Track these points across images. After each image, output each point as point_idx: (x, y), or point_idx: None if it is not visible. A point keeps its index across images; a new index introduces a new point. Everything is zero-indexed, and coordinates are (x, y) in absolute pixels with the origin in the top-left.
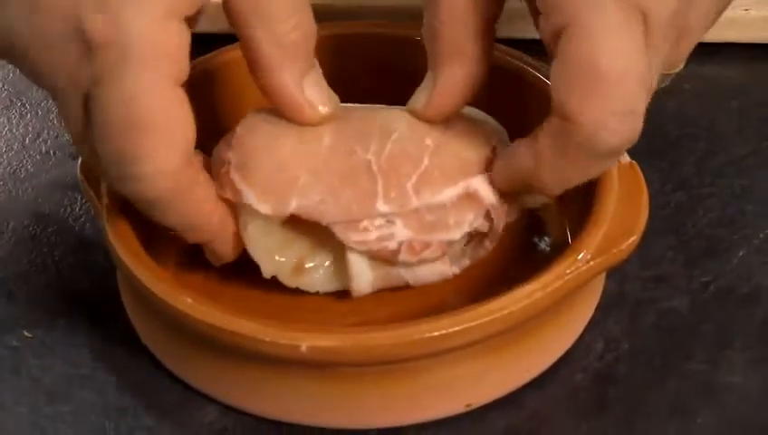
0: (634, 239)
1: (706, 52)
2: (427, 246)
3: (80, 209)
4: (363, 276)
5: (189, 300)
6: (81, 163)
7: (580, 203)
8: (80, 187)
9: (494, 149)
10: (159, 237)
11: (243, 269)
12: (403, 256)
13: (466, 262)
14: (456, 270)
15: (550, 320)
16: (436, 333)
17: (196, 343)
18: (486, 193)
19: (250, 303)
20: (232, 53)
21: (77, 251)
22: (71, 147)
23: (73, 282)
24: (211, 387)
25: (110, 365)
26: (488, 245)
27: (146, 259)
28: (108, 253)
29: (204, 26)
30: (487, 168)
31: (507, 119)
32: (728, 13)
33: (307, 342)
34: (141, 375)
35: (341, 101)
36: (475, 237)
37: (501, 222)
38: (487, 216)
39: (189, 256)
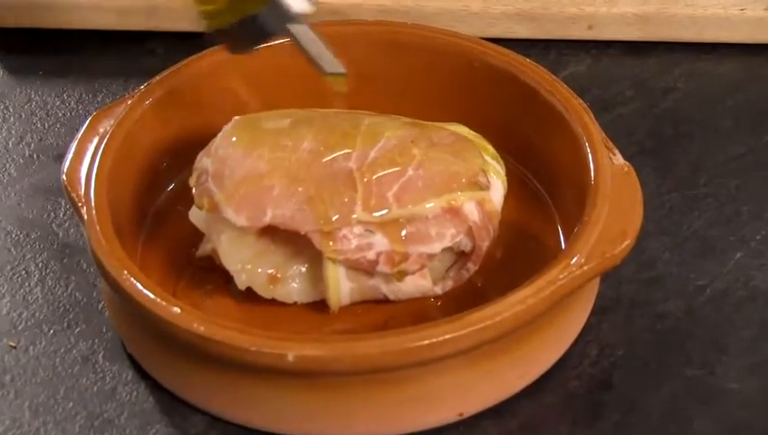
0: (629, 243)
1: (702, 50)
2: (405, 257)
3: (64, 215)
4: (341, 287)
5: (176, 309)
6: (66, 166)
7: (574, 205)
8: (64, 191)
9: (483, 173)
10: (144, 246)
11: (225, 280)
12: (381, 267)
13: (450, 283)
14: (438, 290)
15: (543, 326)
16: (426, 342)
17: (183, 352)
18: (470, 210)
19: (232, 313)
20: (220, 56)
21: (61, 257)
22: (54, 150)
23: (57, 289)
24: (197, 397)
25: (94, 374)
26: (471, 267)
27: (131, 267)
28: (92, 259)
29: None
30: (474, 186)
31: (496, 112)
32: (723, 12)
33: (294, 351)
34: (126, 384)
35: (328, 107)
36: (458, 260)
37: (484, 243)
38: (470, 233)
39: (173, 265)
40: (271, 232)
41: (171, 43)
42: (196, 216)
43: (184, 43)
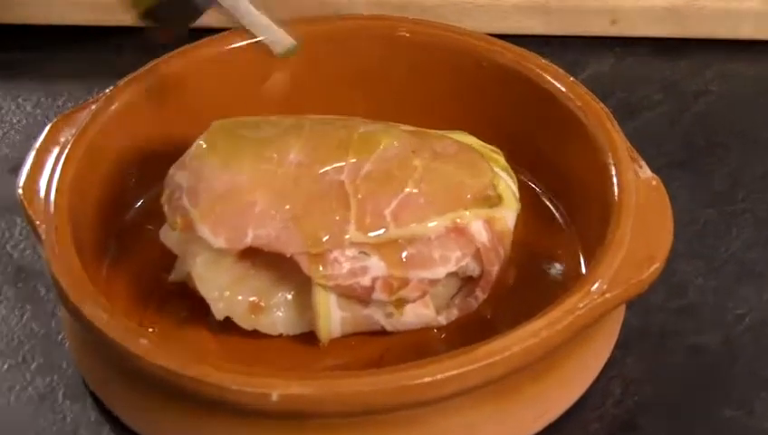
0: (657, 267)
1: (737, 49)
2: (405, 283)
3: (19, 234)
4: (332, 317)
5: (145, 341)
6: (22, 179)
7: (595, 225)
8: (19, 208)
9: (493, 187)
10: (110, 269)
11: (201, 309)
12: (377, 294)
13: (455, 313)
14: (442, 321)
15: (560, 361)
16: (427, 379)
17: (153, 390)
18: (478, 230)
19: (208, 346)
20: (197, 55)
21: (15, 282)
22: (9, 161)
23: (11, 318)
24: None
25: (53, 414)
26: (479, 294)
27: (94, 293)
28: (51, 285)
29: None
30: (483, 202)
31: (507, 119)
32: (760, 6)
33: (279, 389)
34: (89, 426)
35: (318, 112)
36: (464, 286)
37: (493, 267)
38: (477, 256)
39: (142, 292)
40: (253, 255)
41: (141, 39)
42: (168, 236)
43: None
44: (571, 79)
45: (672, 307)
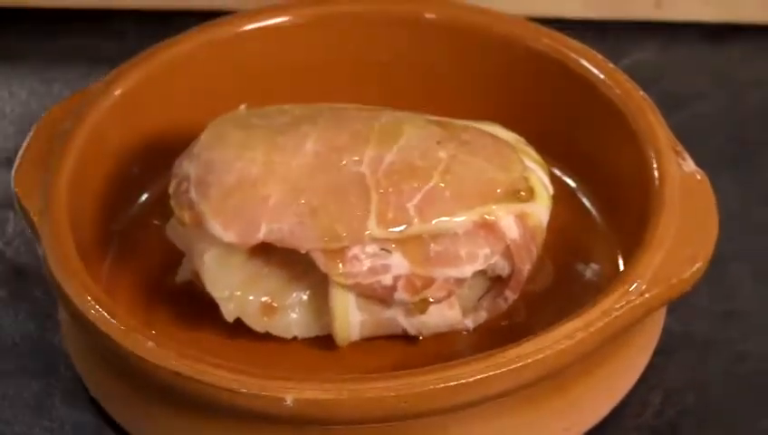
0: (700, 266)
1: None
2: (429, 282)
3: (13, 230)
4: (350, 319)
5: (150, 343)
6: (17, 172)
7: (634, 220)
8: (14, 202)
9: (525, 181)
10: (112, 267)
11: (210, 309)
12: (400, 294)
13: (483, 315)
14: (469, 324)
15: (596, 366)
16: (452, 383)
17: (158, 395)
18: (508, 225)
19: (218, 349)
20: (204, 38)
21: (10, 283)
22: (3, 153)
23: (5, 320)
24: None
25: (50, 422)
26: (509, 295)
27: (96, 292)
28: (48, 285)
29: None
30: (513, 197)
31: (540, 108)
32: None
33: (294, 393)
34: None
35: (337, 100)
36: (493, 286)
37: (525, 266)
38: (507, 254)
39: (147, 292)
40: (266, 251)
41: (143, 22)
42: (174, 231)
43: (159, 23)
44: (611, 66)
45: (717, 312)
